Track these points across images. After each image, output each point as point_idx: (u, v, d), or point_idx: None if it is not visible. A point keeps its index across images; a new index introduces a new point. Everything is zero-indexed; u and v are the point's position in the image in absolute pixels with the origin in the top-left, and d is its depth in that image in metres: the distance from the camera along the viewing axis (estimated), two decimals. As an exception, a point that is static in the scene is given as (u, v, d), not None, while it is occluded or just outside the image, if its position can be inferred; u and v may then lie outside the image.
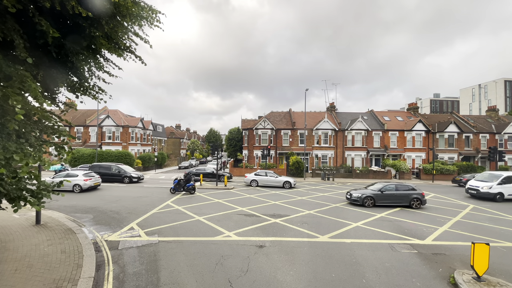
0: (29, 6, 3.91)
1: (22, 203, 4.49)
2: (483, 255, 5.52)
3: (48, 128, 4.88)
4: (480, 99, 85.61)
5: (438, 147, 32.58)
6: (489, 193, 16.28)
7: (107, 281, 5.36)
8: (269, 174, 21.67)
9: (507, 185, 16.39)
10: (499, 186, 16.31)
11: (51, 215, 10.07)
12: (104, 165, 22.75)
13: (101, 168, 22.03)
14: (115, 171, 22.14)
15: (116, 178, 21.82)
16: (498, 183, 16.37)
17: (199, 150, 66.90)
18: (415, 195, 13.57)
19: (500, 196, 16.10)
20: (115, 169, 22.30)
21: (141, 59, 5.64)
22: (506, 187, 16.35)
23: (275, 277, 5.67)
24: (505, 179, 16.50)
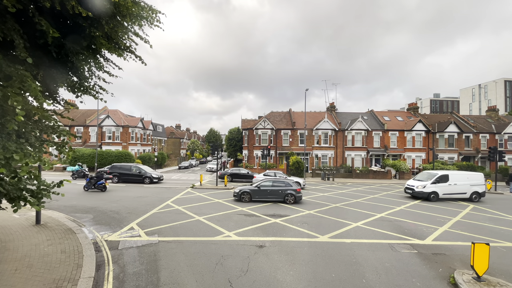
0: (29, 6, 3.91)
1: (22, 203, 4.49)
2: (483, 255, 5.52)
3: (48, 128, 4.88)
4: (480, 99, 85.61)
5: (438, 147, 32.58)
6: (423, 192, 15.90)
7: (107, 281, 5.36)
8: (278, 174, 21.39)
9: (441, 184, 15.94)
10: (433, 185, 15.90)
11: (51, 215, 10.07)
12: (124, 165, 22.71)
13: (121, 169, 22.03)
14: (135, 171, 22.04)
15: (137, 179, 21.68)
16: (432, 182, 15.98)
17: (199, 150, 66.90)
18: (289, 191, 13.88)
19: (434, 195, 15.73)
20: (136, 169, 22.18)
21: (141, 59, 5.64)
22: (440, 186, 15.90)
23: (275, 277, 5.67)
24: (439, 178, 16.05)
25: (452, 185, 15.91)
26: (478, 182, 16.08)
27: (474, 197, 15.89)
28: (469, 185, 15.97)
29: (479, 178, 16.23)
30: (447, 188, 15.89)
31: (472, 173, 17.06)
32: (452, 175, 16.25)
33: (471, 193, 15.89)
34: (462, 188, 15.96)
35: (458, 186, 15.95)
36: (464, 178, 16.18)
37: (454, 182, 15.96)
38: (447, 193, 15.90)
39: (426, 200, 15.80)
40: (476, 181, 16.10)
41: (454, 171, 18.18)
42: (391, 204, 14.60)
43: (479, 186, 15.99)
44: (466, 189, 15.94)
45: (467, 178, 16.17)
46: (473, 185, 15.96)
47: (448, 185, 15.91)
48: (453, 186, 15.92)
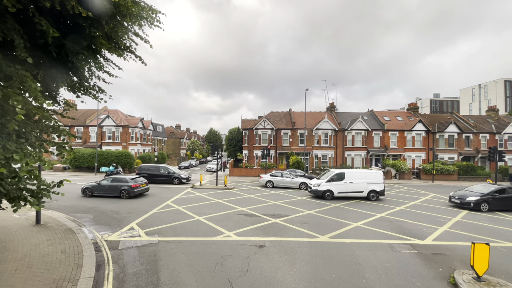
0: (29, 6, 3.91)
1: (22, 203, 4.49)
2: (483, 255, 5.52)
3: (49, 128, 4.88)
4: (480, 99, 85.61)
5: (438, 147, 32.58)
6: (318, 191, 15.61)
7: (107, 281, 5.36)
8: (284, 174, 21.08)
9: (336, 182, 15.50)
10: (328, 183, 15.49)
11: (51, 215, 10.07)
12: (152, 166, 22.74)
13: (149, 170, 22.07)
14: (164, 172, 22.04)
15: (166, 179, 21.59)
16: (327, 181, 15.59)
17: (199, 150, 66.90)
18: (124, 186, 14.48)
19: (329, 193, 15.31)
20: (164, 170, 22.19)
21: (141, 59, 5.64)
22: (335, 185, 15.45)
23: (275, 277, 5.67)
24: (335, 176, 15.66)
25: (348, 183, 15.43)
26: (376, 181, 15.45)
27: (372, 196, 15.28)
28: (365, 184, 15.39)
29: (377, 176, 15.63)
30: (343, 187, 15.45)
31: (370, 171, 16.59)
32: (349, 173, 15.87)
33: (368, 192, 15.33)
34: (358, 187, 15.42)
35: (354, 185, 15.44)
36: (361, 176, 15.67)
37: (350, 181, 15.48)
38: (343, 192, 15.44)
39: (322, 199, 15.43)
40: (374, 180, 15.48)
41: (352, 169, 17.32)
42: (391, 204, 14.60)
43: (377, 185, 15.36)
44: (363, 187, 15.37)
45: (364, 176, 15.64)
46: (370, 183, 15.37)
47: (344, 183, 15.44)
48: (349, 185, 15.44)
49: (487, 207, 12.90)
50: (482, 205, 12.93)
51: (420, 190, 21.23)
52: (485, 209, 12.88)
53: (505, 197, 13.23)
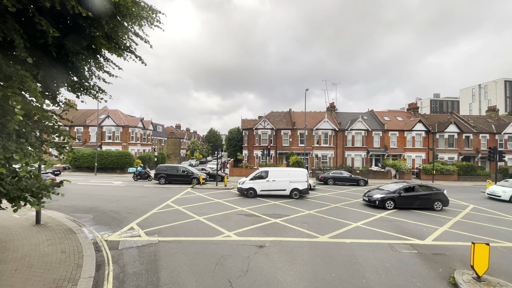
0: (29, 6, 3.91)
1: (22, 203, 4.49)
2: (483, 255, 5.52)
3: (49, 128, 4.89)
4: (480, 99, 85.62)
5: (438, 147, 32.58)
6: (242, 189, 15.63)
7: (107, 281, 5.36)
8: None
9: (259, 180, 15.61)
10: (251, 181, 15.58)
11: (51, 215, 10.07)
12: (170, 167, 22.75)
13: (167, 170, 22.06)
14: (182, 172, 21.97)
15: (185, 179, 21.50)
16: (251, 179, 15.73)
17: (199, 150, 66.91)
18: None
19: (252, 191, 15.44)
20: (182, 170, 22.13)
21: (141, 59, 5.64)
22: (258, 183, 15.53)
23: (275, 277, 5.67)
24: (259, 174, 15.86)
25: (270, 181, 15.54)
26: (299, 179, 15.57)
27: (294, 194, 15.41)
28: (288, 182, 15.53)
29: (300, 175, 15.74)
30: (265, 185, 15.55)
31: (294, 169, 16.64)
32: (272, 171, 15.99)
33: (290, 190, 15.48)
34: (281, 185, 15.51)
35: (277, 183, 15.54)
36: (284, 174, 15.77)
37: (273, 179, 15.60)
38: (265, 190, 15.53)
39: (246, 197, 15.45)
40: (297, 178, 15.60)
41: (277, 167, 17.50)
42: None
43: (300, 183, 15.49)
44: (286, 185, 15.49)
45: (287, 174, 15.75)
46: (293, 182, 15.51)
47: (266, 181, 15.56)
48: (272, 183, 15.55)
49: (393, 204, 13.01)
50: (387, 203, 13.04)
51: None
52: (390, 206, 12.99)
53: (411, 195, 13.22)
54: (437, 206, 12.98)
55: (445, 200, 13.11)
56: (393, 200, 13.03)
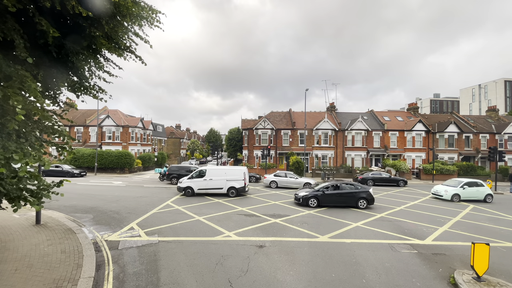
0: (29, 6, 3.91)
1: (22, 203, 4.49)
2: (483, 255, 5.52)
3: (49, 128, 4.89)
4: (480, 99, 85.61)
5: (438, 147, 32.57)
6: (180, 188, 15.83)
7: (107, 281, 5.36)
8: (288, 175, 21.12)
9: (196, 179, 15.74)
10: (189, 180, 15.73)
11: (51, 215, 10.07)
12: (182, 167, 22.86)
13: (180, 171, 22.14)
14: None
15: None
16: (188, 178, 15.89)
17: (199, 150, 66.91)
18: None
19: (189, 190, 15.54)
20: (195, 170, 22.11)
21: (141, 59, 5.64)
22: (196, 181, 15.65)
23: (275, 277, 5.67)
24: (197, 173, 16.01)
25: (207, 180, 15.68)
26: (236, 178, 15.76)
27: (231, 193, 15.57)
28: (225, 181, 15.70)
29: (238, 173, 15.89)
30: (203, 183, 15.67)
31: (232, 168, 16.77)
32: (210, 170, 16.13)
33: (227, 188, 15.64)
34: (218, 184, 15.64)
35: (214, 182, 15.67)
36: (221, 173, 15.93)
37: (210, 177, 15.73)
38: (202, 188, 15.62)
39: (184, 195, 15.58)
40: (234, 177, 15.79)
41: (215, 166, 17.66)
42: (391, 204, 14.60)
43: (237, 182, 15.66)
44: (223, 184, 15.64)
45: (224, 173, 15.92)
46: (230, 180, 15.67)
47: (204, 180, 15.69)
48: (209, 181, 15.67)
49: (316, 202, 13.08)
50: (311, 201, 13.13)
51: (420, 190, 21.23)
52: (313, 204, 13.04)
53: (335, 193, 13.28)
54: (361, 204, 13.02)
55: (370, 199, 13.15)
56: (316, 198, 13.11)
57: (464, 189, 16.02)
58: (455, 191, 15.96)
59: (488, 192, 16.06)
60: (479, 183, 16.50)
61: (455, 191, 15.96)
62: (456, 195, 15.87)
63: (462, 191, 15.97)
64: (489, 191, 16.15)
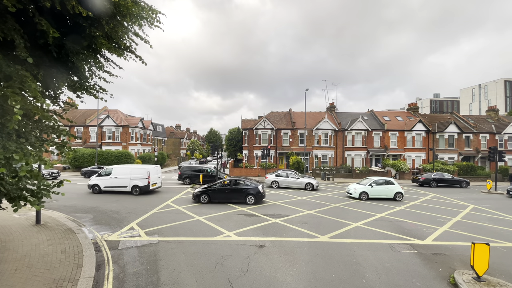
0: (29, 6, 3.91)
1: (22, 202, 4.49)
2: (483, 255, 5.52)
3: (49, 128, 4.89)
4: (480, 99, 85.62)
5: (438, 147, 32.57)
6: (89, 185, 16.18)
7: (107, 281, 5.36)
8: (290, 175, 20.94)
9: (104, 177, 16.10)
10: (97, 178, 16.14)
11: (51, 215, 10.07)
12: (193, 167, 22.99)
13: (191, 170, 22.30)
14: (207, 172, 21.97)
15: (209, 180, 21.26)
16: (97, 176, 16.36)
17: (199, 150, 66.90)
18: None
19: (96, 187, 15.90)
20: (206, 170, 22.24)
21: (141, 59, 5.64)
22: (103, 179, 16.02)
23: (275, 277, 5.67)
24: (105, 171, 16.36)
25: (113, 178, 15.96)
26: (140, 177, 16.00)
27: (135, 191, 15.85)
28: (129, 179, 15.94)
29: (142, 172, 16.12)
30: (108, 181, 15.99)
31: (137, 167, 16.96)
32: (116, 169, 16.42)
33: (131, 187, 15.85)
34: (122, 182, 15.89)
35: (119, 180, 15.95)
36: (126, 172, 16.19)
37: (116, 176, 16.02)
38: (108, 186, 15.93)
39: (92, 193, 15.82)
40: (138, 176, 16.03)
41: (121, 165, 17.95)
42: (391, 204, 14.60)
43: (140, 180, 15.89)
44: (127, 182, 15.88)
45: (129, 172, 16.17)
46: (133, 179, 15.92)
47: (109, 178, 16.00)
48: (114, 180, 15.95)
49: (207, 199, 13.45)
50: (202, 197, 13.47)
51: (420, 190, 21.23)
52: (204, 201, 13.42)
53: (225, 189, 13.66)
54: (249, 200, 13.37)
55: (258, 196, 13.45)
56: (207, 194, 13.44)
57: (373, 187, 15.92)
58: (363, 189, 15.90)
59: (397, 191, 15.74)
60: (389, 181, 16.25)
61: (363, 189, 15.90)
62: (364, 193, 15.79)
63: (370, 189, 15.87)
64: (399, 190, 15.76)
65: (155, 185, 16.81)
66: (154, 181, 16.69)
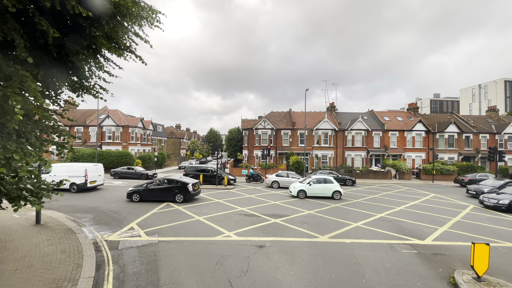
0: (29, 6, 3.91)
1: (22, 202, 4.49)
2: (483, 255, 5.52)
3: (49, 128, 4.89)
4: (480, 99, 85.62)
5: (438, 147, 32.57)
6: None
7: (107, 281, 5.36)
8: (290, 175, 21.19)
9: (44, 175, 15.74)
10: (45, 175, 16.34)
11: (51, 215, 10.07)
12: (194, 166, 23.04)
13: (197, 170, 22.35)
14: (212, 172, 22.09)
15: (215, 180, 21.18)
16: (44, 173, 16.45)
17: (199, 150, 66.91)
18: None
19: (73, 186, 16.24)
20: (211, 170, 22.31)
21: (141, 59, 5.64)
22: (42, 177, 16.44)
23: (275, 277, 5.67)
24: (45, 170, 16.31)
25: (52, 176, 16.02)
26: (77, 174, 16.35)
27: (73, 188, 16.17)
28: (68, 177, 15.72)
29: (79, 170, 16.54)
30: (48, 179, 15.74)
31: (75, 165, 17.32)
32: (56, 167, 16.69)
33: (69, 184, 16.17)
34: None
35: (57, 178, 15.77)
36: (65, 170, 16.50)
37: (55, 174, 16.18)
38: None
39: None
40: (76, 174, 16.36)
41: (62, 163, 18.24)
42: (391, 204, 14.60)
43: (78, 178, 16.24)
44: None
45: (68, 170, 16.47)
46: (72, 176, 16.13)
47: (49, 176, 16.09)
48: (54, 177, 15.66)
49: (139, 197, 13.78)
50: (134, 196, 13.80)
51: (420, 190, 21.23)
52: (136, 199, 13.76)
53: (156, 188, 13.98)
54: (178, 198, 13.76)
55: (187, 194, 13.84)
56: (138, 193, 13.76)
57: (311, 186, 16.03)
58: (301, 188, 16.04)
59: (335, 189, 15.82)
60: (328, 180, 16.35)
61: (301, 188, 16.04)
62: (302, 191, 15.94)
63: (309, 187, 15.97)
64: (337, 188, 15.87)
65: (94, 183, 17.04)
66: (93, 179, 17.01)
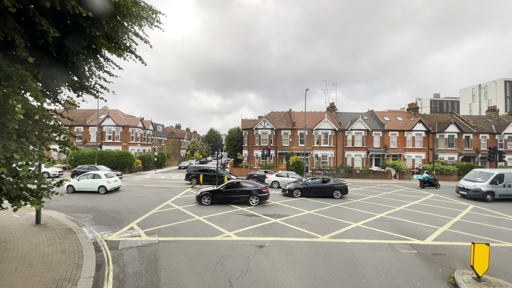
0: (30, 6, 3.91)
1: (22, 202, 4.49)
2: (483, 255, 5.52)
3: (49, 127, 4.89)
4: (480, 99, 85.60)
5: (438, 147, 32.57)
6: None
7: (107, 281, 5.36)
8: (290, 175, 21.22)
9: None
10: None
11: (51, 215, 10.07)
12: (202, 167, 23.22)
13: (199, 170, 22.46)
14: (214, 173, 22.04)
15: (213, 180, 21.19)
16: None
17: (199, 150, 66.91)
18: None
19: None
20: (214, 170, 22.34)
21: (141, 59, 5.64)
22: None
23: (275, 277, 5.67)
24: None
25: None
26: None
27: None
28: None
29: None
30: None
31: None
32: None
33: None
34: None
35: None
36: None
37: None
38: None
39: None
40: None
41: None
42: (391, 204, 14.60)
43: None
44: None
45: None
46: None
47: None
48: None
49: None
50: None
51: (420, 190, 21.23)
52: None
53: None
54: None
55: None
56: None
57: (79, 181, 16.32)
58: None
59: (100, 184, 16.10)
60: (96, 175, 16.57)
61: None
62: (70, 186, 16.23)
63: (77, 182, 16.27)
64: (102, 183, 16.09)
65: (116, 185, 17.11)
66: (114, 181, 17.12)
